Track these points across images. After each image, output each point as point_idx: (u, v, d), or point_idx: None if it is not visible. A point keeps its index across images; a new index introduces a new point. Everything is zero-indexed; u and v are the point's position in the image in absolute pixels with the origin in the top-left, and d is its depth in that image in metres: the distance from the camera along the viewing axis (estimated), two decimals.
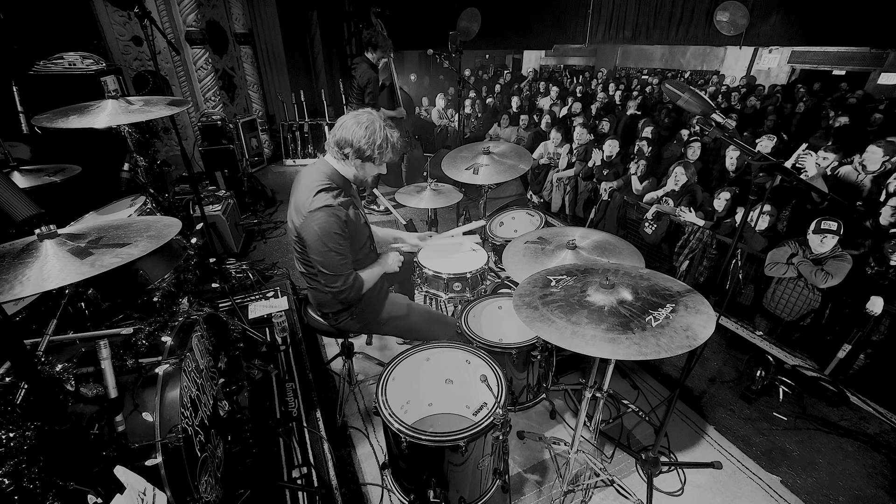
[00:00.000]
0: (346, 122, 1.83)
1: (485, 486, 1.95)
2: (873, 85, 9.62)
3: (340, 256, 1.85)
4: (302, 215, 1.83)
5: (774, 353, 3.15)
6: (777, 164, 1.60)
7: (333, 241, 1.81)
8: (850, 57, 10.04)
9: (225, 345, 2.41)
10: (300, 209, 1.84)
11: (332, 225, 1.80)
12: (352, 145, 1.80)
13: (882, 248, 2.97)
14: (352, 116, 1.84)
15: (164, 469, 1.46)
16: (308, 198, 1.82)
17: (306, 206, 1.81)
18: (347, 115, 1.86)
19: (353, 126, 1.80)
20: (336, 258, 1.84)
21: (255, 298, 3.56)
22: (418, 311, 2.32)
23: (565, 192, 5.54)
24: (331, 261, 1.84)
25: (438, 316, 2.42)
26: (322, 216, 1.78)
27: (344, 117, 1.86)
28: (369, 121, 1.82)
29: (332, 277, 1.87)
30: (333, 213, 1.80)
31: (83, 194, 2.92)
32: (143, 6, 2.94)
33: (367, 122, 1.81)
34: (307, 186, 1.86)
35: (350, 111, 1.90)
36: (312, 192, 1.82)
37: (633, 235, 4.49)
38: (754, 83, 9.68)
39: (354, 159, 1.84)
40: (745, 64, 11.51)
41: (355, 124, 1.80)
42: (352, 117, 1.84)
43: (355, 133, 1.79)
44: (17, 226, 1.37)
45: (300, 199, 1.86)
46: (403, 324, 2.26)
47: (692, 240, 3.97)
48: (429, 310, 2.42)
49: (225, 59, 6.82)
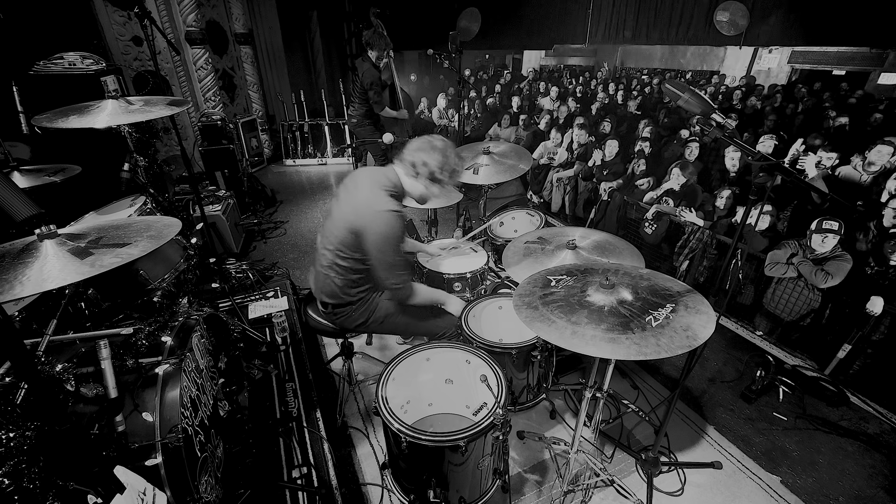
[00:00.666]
0: (422, 144, 1.96)
1: (485, 486, 1.95)
2: (873, 85, 9.62)
3: (400, 258, 1.99)
4: (368, 211, 1.90)
5: (774, 353, 3.15)
6: (777, 164, 1.60)
7: (395, 243, 1.93)
8: (850, 57, 10.04)
9: (225, 345, 2.41)
10: (365, 205, 1.92)
11: (398, 229, 1.92)
12: (427, 166, 1.94)
13: (882, 248, 2.97)
14: (426, 140, 1.98)
15: (164, 469, 1.46)
16: (376, 197, 1.92)
17: (374, 205, 1.90)
18: (424, 139, 1.99)
19: (429, 149, 1.95)
20: (398, 259, 1.98)
21: (255, 298, 3.56)
22: (414, 308, 2.31)
23: (565, 192, 5.54)
24: (392, 260, 1.96)
25: (436, 311, 2.42)
26: (391, 218, 1.89)
27: (420, 140, 1.99)
28: (444, 146, 1.97)
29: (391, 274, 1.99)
30: (400, 218, 1.92)
31: (83, 194, 2.91)
32: (143, 6, 2.94)
33: (442, 148, 1.95)
34: (374, 186, 1.95)
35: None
36: (382, 193, 1.94)
37: (633, 235, 4.49)
38: (754, 83, 9.68)
39: (425, 179, 1.97)
40: (745, 64, 11.51)
41: (431, 148, 1.95)
42: (426, 141, 1.97)
43: (432, 156, 1.93)
44: (17, 226, 1.37)
45: (364, 196, 1.95)
46: (400, 320, 2.26)
47: (692, 240, 3.97)
48: (424, 306, 2.42)
49: (225, 59, 6.82)
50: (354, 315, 2.17)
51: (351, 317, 2.17)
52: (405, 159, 1.98)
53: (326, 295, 2.14)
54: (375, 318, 2.20)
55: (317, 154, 7.72)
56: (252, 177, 6.01)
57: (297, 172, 7.37)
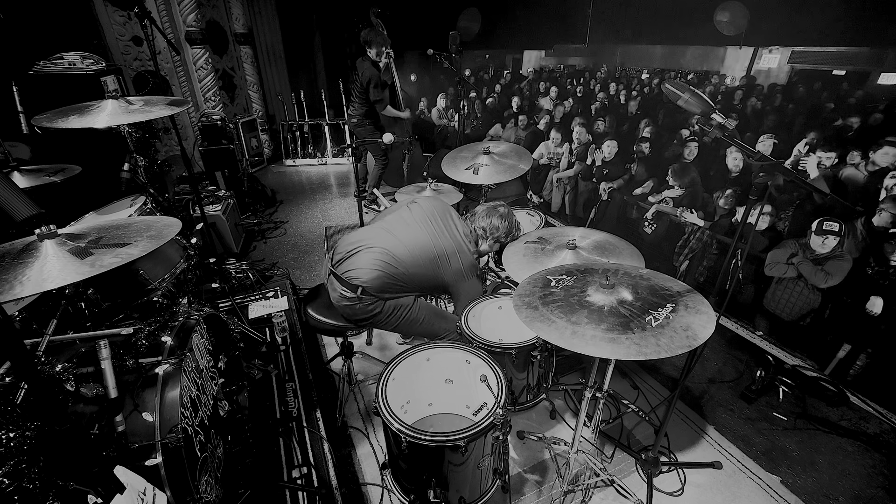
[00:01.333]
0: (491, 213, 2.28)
1: (485, 486, 1.95)
2: (873, 85, 9.63)
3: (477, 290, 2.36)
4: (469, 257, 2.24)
5: (774, 353, 3.15)
6: (777, 164, 1.60)
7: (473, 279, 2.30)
8: (850, 57, 10.04)
9: (225, 345, 2.41)
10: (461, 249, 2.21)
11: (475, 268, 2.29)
12: (497, 230, 2.27)
13: (882, 248, 2.97)
14: (494, 209, 2.29)
15: (164, 469, 1.46)
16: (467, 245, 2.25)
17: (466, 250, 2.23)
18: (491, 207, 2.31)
19: (496, 218, 2.27)
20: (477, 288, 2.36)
21: (255, 298, 3.56)
22: (423, 305, 2.35)
23: (565, 192, 5.54)
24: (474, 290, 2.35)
25: (440, 311, 2.45)
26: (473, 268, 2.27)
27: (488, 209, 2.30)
28: (508, 213, 2.30)
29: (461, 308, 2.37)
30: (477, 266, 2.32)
31: (83, 194, 2.91)
32: (143, 6, 2.94)
33: (506, 214, 2.29)
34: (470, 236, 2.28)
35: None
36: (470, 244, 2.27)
37: (633, 235, 4.49)
38: (754, 83, 9.68)
39: (491, 240, 2.29)
40: (745, 64, 11.51)
41: (499, 217, 2.27)
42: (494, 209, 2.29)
43: (502, 224, 2.26)
44: (17, 226, 1.37)
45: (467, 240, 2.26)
46: (409, 315, 2.28)
47: (692, 240, 3.97)
48: (430, 306, 2.43)
49: (225, 59, 6.82)
50: (371, 306, 2.19)
51: (368, 307, 2.20)
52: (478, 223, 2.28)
53: (371, 282, 2.13)
54: (387, 307, 2.23)
55: (317, 154, 7.72)
56: (252, 177, 6.01)
57: (297, 172, 7.37)
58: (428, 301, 2.54)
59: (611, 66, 14.17)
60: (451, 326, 2.35)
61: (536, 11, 8.65)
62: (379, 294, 2.17)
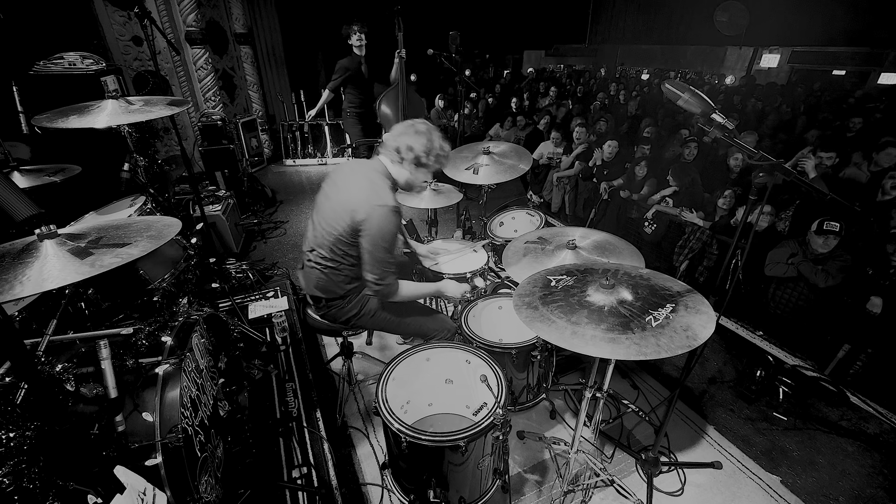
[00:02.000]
0: (405, 129, 1.95)
1: (485, 486, 1.95)
2: (873, 85, 9.63)
3: (389, 254, 1.95)
4: (368, 206, 1.87)
5: (774, 353, 3.15)
6: (777, 164, 1.60)
7: (390, 238, 1.91)
8: (851, 57, 10.04)
9: (225, 345, 2.41)
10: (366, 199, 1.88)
11: (395, 225, 1.90)
12: (412, 150, 1.92)
13: (882, 248, 2.97)
14: (410, 125, 1.97)
15: (164, 469, 1.46)
16: (378, 191, 1.90)
17: (376, 199, 1.87)
18: (406, 123, 1.98)
19: (412, 133, 1.93)
20: (388, 255, 1.94)
21: (255, 298, 3.56)
22: (408, 305, 2.29)
23: (565, 192, 5.54)
24: (384, 256, 1.93)
25: (430, 311, 2.40)
26: (390, 214, 1.87)
27: (403, 125, 1.98)
28: (427, 130, 1.95)
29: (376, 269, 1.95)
30: (398, 213, 1.91)
31: (83, 194, 2.92)
32: (143, 6, 2.94)
33: (425, 131, 1.95)
34: (370, 179, 1.95)
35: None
36: (382, 187, 1.92)
37: (634, 235, 4.49)
38: (754, 83, 9.68)
39: (410, 164, 1.96)
40: (745, 64, 11.51)
41: (415, 132, 1.93)
42: (410, 125, 1.96)
43: (416, 140, 1.92)
44: (17, 226, 1.37)
45: (364, 190, 1.92)
46: (392, 316, 2.23)
47: (692, 240, 3.97)
48: (420, 305, 2.39)
49: (225, 59, 6.82)
50: (347, 308, 2.15)
51: (343, 309, 2.15)
52: (389, 145, 1.96)
53: (319, 290, 2.12)
54: (367, 310, 2.17)
55: (317, 154, 7.72)
56: (252, 177, 6.01)
57: (297, 172, 7.37)
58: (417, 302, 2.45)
59: (611, 66, 14.17)
60: (443, 326, 2.27)
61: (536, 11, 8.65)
62: (342, 295, 2.11)
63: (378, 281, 1.97)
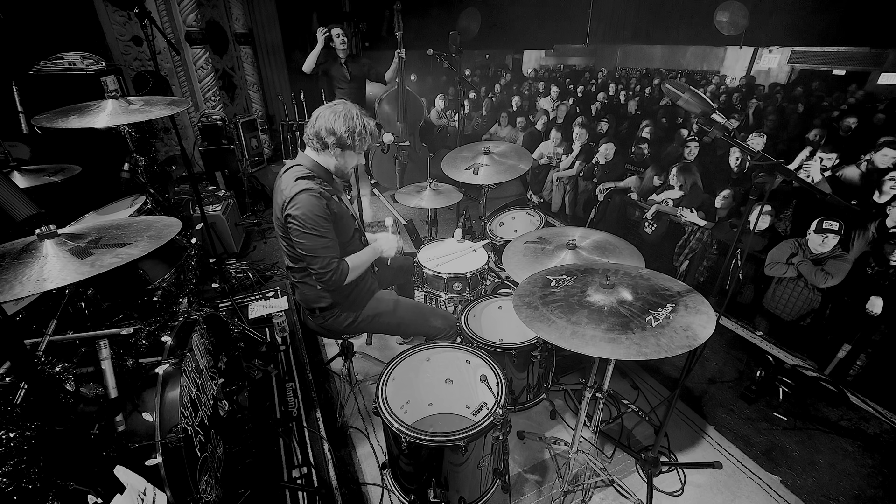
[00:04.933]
0: (322, 112, 1.87)
1: (485, 486, 1.95)
2: (873, 85, 9.62)
3: (325, 239, 1.86)
4: (284, 202, 1.84)
5: (774, 353, 3.15)
6: (777, 164, 1.60)
7: (315, 223, 1.82)
8: (850, 57, 10.03)
9: (225, 345, 2.41)
10: (283, 197, 1.85)
11: (315, 207, 1.81)
12: (333, 133, 1.84)
13: (882, 248, 2.97)
14: (327, 107, 1.88)
15: (164, 469, 1.46)
16: (289, 185, 1.85)
17: (288, 193, 1.83)
18: (322, 107, 1.90)
19: (329, 115, 1.84)
20: (320, 241, 1.85)
21: (255, 298, 3.56)
22: (406, 307, 2.28)
23: (565, 191, 5.54)
24: (314, 243, 1.85)
25: (430, 310, 2.37)
26: (304, 198, 1.80)
27: (319, 109, 1.90)
28: (345, 109, 1.86)
29: (314, 259, 1.87)
30: (314, 195, 1.81)
31: (83, 194, 2.91)
32: (143, 6, 2.95)
33: (343, 112, 1.85)
34: (289, 178, 1.89)
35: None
36: (293, 179, 1.85)
37: (634, 235, 4.49)
38: (754, 83, 9.68)
39: (335, 148, 1.87)
40: (745, 64, 11.51)
41: (332, 114, 1.84)
42: (327, 107, 1.88)
43: (334, 122, 1.83)
44: (17, 226, 1.37)
45: (283, 189, 1.88)
46: (391, 320, 2.22)
47: (692, 240, 3.97)
48: (418, 305, 2.37)
49: (225, 59, 6.81)
50: (341, 317, 2.14)
51: (338, 319, 2.14)
52: (309, 135, 1.89)
53: (308, 302, 2.13)
54: (364, 316, 2.16)
55: None
56: (252, 177, 6.00)
57: None
58: (416, 301, 2.42)
59: (611, 67, 14.17)
60: (444, 325, 2.26)
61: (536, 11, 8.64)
62: (328, 306, 2.09)
63: (321, 270, 1.87)
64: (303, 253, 1.88)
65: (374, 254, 2.14)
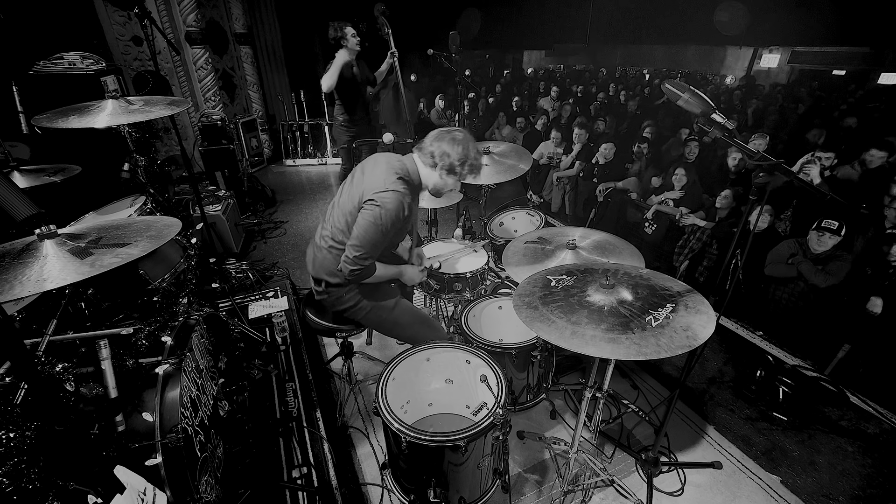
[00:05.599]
0: (443, 135, 1.99)
1: (485, 486, 1.95)
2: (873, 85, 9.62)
3: (382, 237, 1.94)
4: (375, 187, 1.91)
5: (774, 353, 3.15)
6: (777, 164, 1.60)
7: (389, 222, 1.90)
8: (850, 57, 10.04)
9: (225, 345, 2.41)
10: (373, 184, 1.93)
11: (399, 210, 1.90)
12: (447, 157, 1.95)
13: (882, 248, 2.97)
14: (448, 132, 2.00)
15: (164, 469, 1.46)
16: (388, 176, 1.93)
17: (385, 183, 1.91)
18: (444, 130, 2.02)
19: (450, 140, 1.96)
20: (378, 237, 1.93)
21: (255, 298, 3.56)
22: (404, 310, 2.27)
23: (565, 192, 5.54)
24: (372, 236, 1.92)
25: (426, 319, 2.35)
26: (396, 196, 1.89)
27: (442, 131, 2.02)
28: (465, 139, 1.98)
29: (359, 248, 1.94)
30: (402, 201, 1.91)
31: (83, 194, 2.91)
32: (143, 6, 2.94)
33: (462, 140, 1.97)
34: (389, 168, 1.97)
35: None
36: (393, 175, 1.94)
37: (634, 235, 4.49)
38: (754, 83, 9.68)
39: (442, 170, 1.98)
40: (745, 64, 11.52)
41: (452, 140, 1.96)
42: (448, 132, 2.00)
43: (453, 149, 1.94)
44: (17, 226, 1.37)
45: (376, 176, 1.96)
46: (388, 316, 2.23)
47: (692, 240, 3.97)
48: (417, 312, 2.34)
49: (225, 59, 6.82)
50: (345, 297, 2.14)
51: (341, 298, 2.15)
52: (425, 149, 1.99)
53: (324, 271, 2.12)
54: (364, 305, 2.17)
55: (317, 154, 7.72)
56: (252, 177, 6.01)
57: (297, 172, 7.37)
58: (416, 306, 2.40)
59: (611, 67, 14.17)
60: (437, 336, 2.24)
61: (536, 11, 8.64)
62: (341, 283, 2.11)
63: (358, 258, 1.94)
64: (357, 233, 1.93)
65: (398, 275, 2.24)
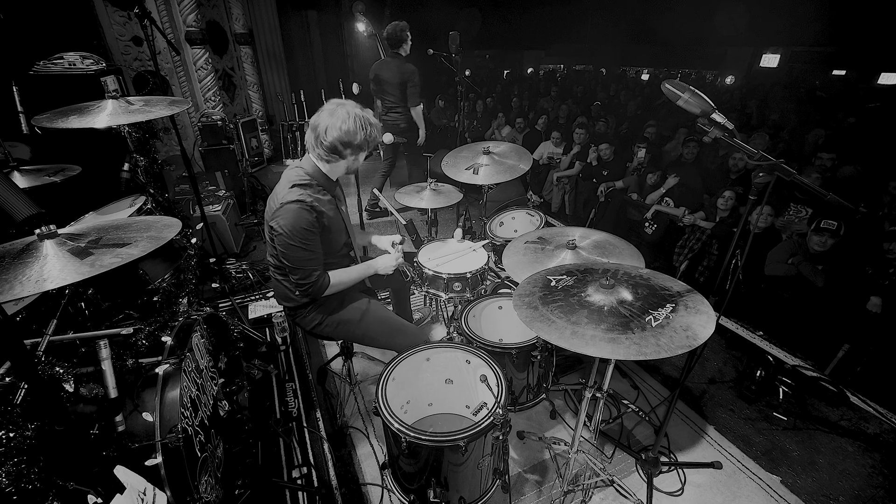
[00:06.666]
0: (328, 122, 1.83)
1: (485, 486, 1.95)
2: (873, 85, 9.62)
3: (308, 252, 1.88)
4: (274, 209, 1.87)
5: (774, 353, 3.15)
6: (777, 164, 1.60)
7: (301, 235, 1.84)
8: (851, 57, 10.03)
9: (225, 345, 2.41)
10: (274, 203, 1.89)
11: (302, 220, 1.83)
12: (350, 145, 1.86)
13: (882, 248, 2.97)
14: (329, 115, 1.84)
15: (164, 469, 1.46)
16: (283, 193, 1.87)
17: (280, 199, 1.85)
18: (323, 115, 1.86)
19: (338, 124, 1.82)
20: (303, 253, 1.87)
21: (255, 298, 3.56)
22: (374, 319, 2.18)
23: (565, 192, 5.54)
24: (297, 255, 1.87)
25: (399, 327, 2.24)
26: (293, 209, 1.81)
27: (321, 118, 1.86)
28: (347, 112, 1.83)
29: (295, 270, 1.90)
30: (305, 208, 1.83)
31: (83, 194, 2.91)
32: (143, 6, 2.94)
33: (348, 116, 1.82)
34: (286, 182, 1.91)
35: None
36: (287, 186, 1.88)
37: (634, 235, 4.49)
38: (754, 83, 9.68)
39: (350, 156, 1.91)
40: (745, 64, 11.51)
41: (340, 122, 1.82)
42: (329, 115, 1.84)
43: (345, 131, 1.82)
44: (17, 226, 1.37)
45: (277, 193, 1.91)
46: (355, 329, 2.16)
47: (692, 240, 3.97)
48: (388, 319, 2.22)
49: (225, 59, 6.82)
50: (308, 317, 2.13)
51: (307, 318, 2.14)
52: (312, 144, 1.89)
53: (281, 297, 2.14)
54: (330, 321, 2.13)
55: None
56: (252, 177, 6.00)
57: None
58: (387, 315, 2.28)
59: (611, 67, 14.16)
60: (412, 342, 2.12)
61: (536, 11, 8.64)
62: (301, 305, 2.09)
63: (301, 281, 1.90)
64: (284, 259, 1.90)
65: (367, 272, 2.16)
